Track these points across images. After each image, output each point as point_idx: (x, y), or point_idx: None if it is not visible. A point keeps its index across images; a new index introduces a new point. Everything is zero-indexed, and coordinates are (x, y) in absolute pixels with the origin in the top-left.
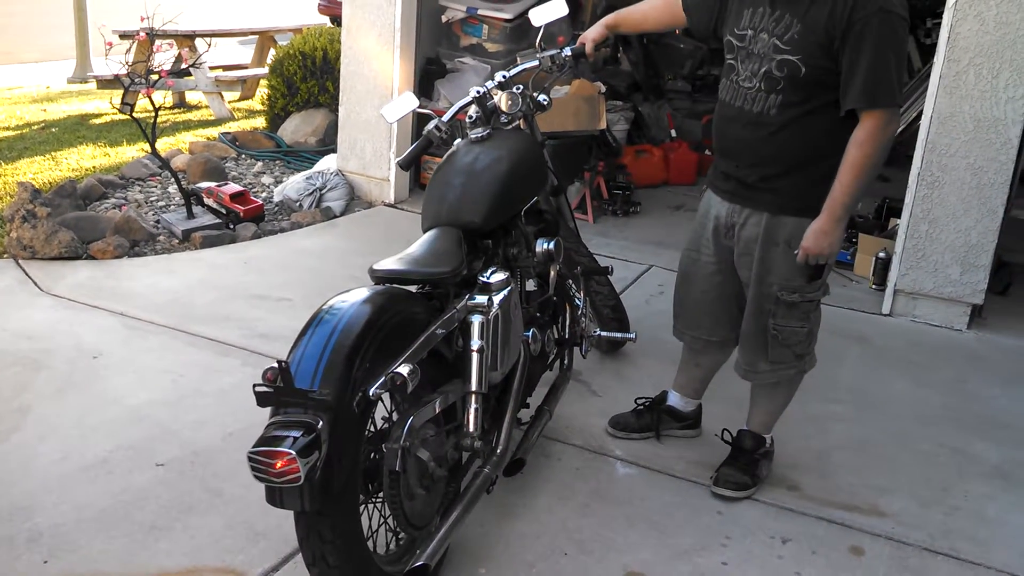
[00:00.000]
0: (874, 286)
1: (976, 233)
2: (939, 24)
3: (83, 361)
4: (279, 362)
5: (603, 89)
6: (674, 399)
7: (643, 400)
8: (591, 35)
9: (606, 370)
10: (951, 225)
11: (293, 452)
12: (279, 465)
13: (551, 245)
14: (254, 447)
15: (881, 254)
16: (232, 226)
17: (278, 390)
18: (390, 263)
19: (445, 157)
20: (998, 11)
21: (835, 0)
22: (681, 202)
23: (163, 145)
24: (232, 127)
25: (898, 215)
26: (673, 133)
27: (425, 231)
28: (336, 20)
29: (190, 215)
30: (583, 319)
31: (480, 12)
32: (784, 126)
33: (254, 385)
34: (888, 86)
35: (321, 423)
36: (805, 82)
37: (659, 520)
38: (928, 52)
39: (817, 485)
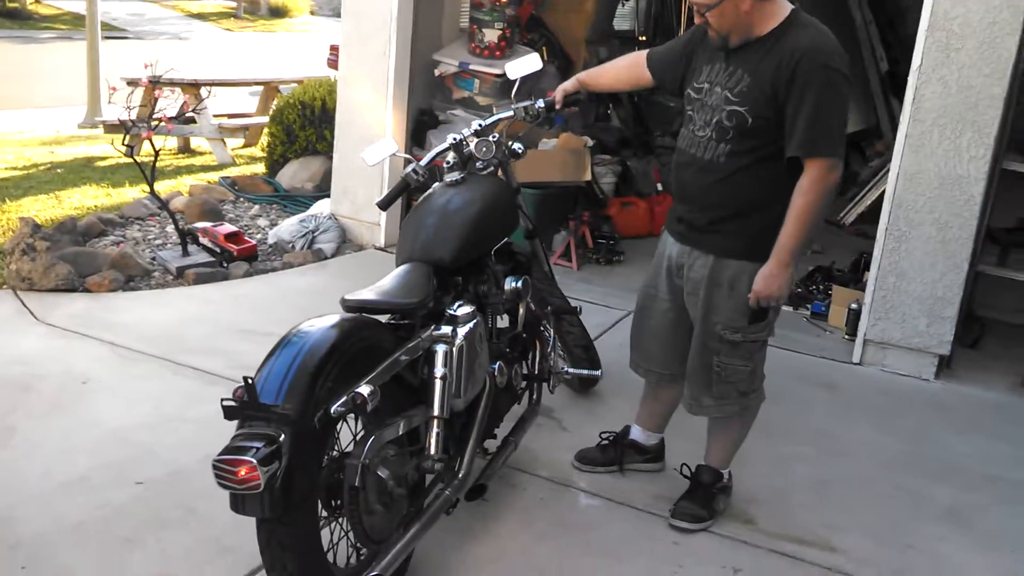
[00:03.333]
0: (847, 336)
1: (942, 286)
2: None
3: (72, 386)
4: (245, 379)
5: (590, 143)
6: (636, 433)
7: (607, 435)
8: (564, 87)
9: (578, 408)
10: (918, 278)
11: (254, 461)
12: (241, 473)
13: (519, 283)
14: (218, 455)
15: (853, 305)
16: (225, 264)
17: (243, 404)
18: (361, 293)
19: (421, 198)
20: (960, 75)
21: (781, 56)
22: None
23: (165, 187)
24: (233, 172)
25: None
26: (659, 187)
27: (398, 266)
28: None
29: (185, 253)
30: (552, 356)
31: (472, 67)
32: (732, 173)
33: (222, 400)
34: (828, 137)
35: (283, 436)
36: (751, 132)
37: (616, 548)
38: None
39: (772, 520)
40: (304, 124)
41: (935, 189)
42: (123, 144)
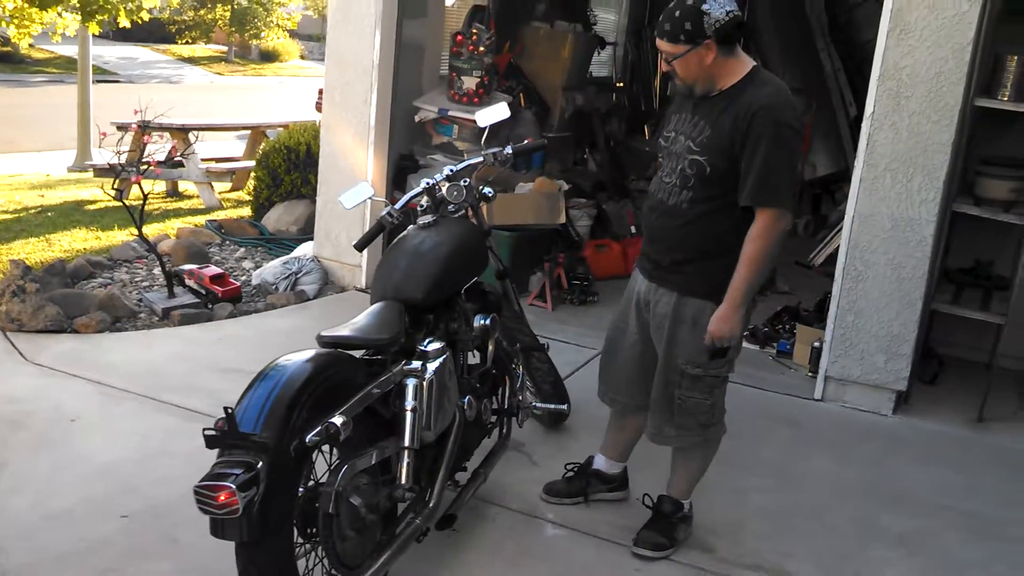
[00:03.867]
0: (810, 373)
1: (898, 324)
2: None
3: (60, 423)
4: (226, 409)
5: (565, 186)
6: (600, 462)
7: (572, 466)
8: None
9: (548, 443)
10: (875, 316)
11: (233, 487)
12: (221, 498)
13: (487, 321)
14: (199, 482)
15: (816, 343)
16: (210, 306)
17: (223, 434)
18: (337, 330)
19: (395, 240)
20: (910, 122)
21: (738, 111)
22: None
23: (153, 230)
24: (220, 215)
25: None
26: (633, 229)
27: (372, 304)
28: None
29: (171, 295)
30: (521, 391)
31: (451, 113)
32: (694, 219)
33: (204, 430)
34: (777, 189)
35: (260, 463)
36: (710, 180)
37: (579, 575)
38: None
39: (730, 549)
40: (289, 168)
41: (888, 231)
42: (112, 188)
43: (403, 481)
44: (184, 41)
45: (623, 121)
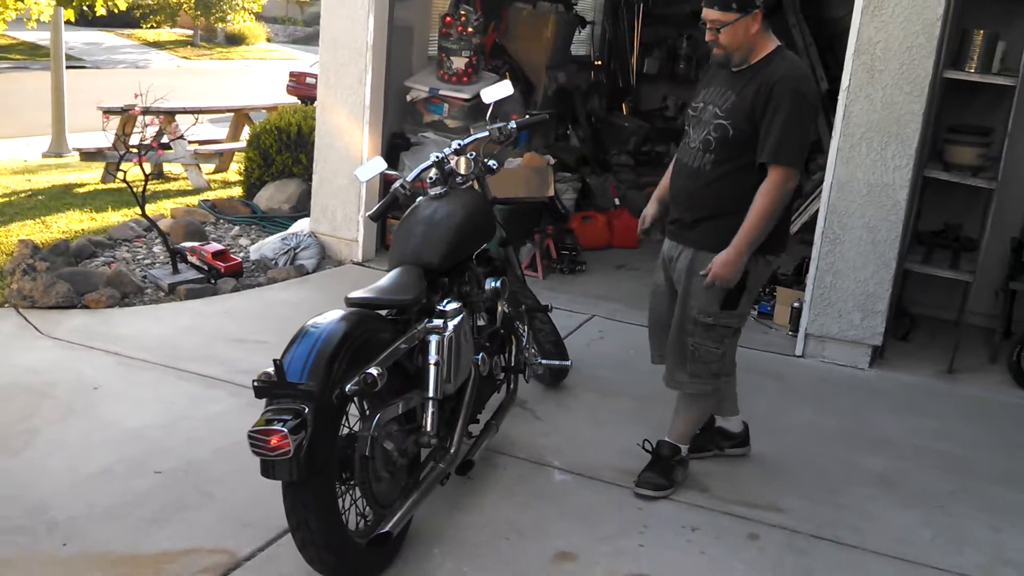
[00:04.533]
0: (790, 332)
1: (873, 283)
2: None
3: (84, 392)
4: (275, 361)
5: (552, 161)
6: (720, 421)
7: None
8: (650, 213)
9: (549, 400)
10: (851, 276)
11: (285, 430)
12: (274, 441)
13: (498, 284)
14: (253, 428)
15: (795, 304)
16: (213, 281)
17: (272, 383)
18: (363, 292)
19: (409, 209)
20: (884, 93)
21: (761, 80)
22: (623, 262)
23: (147, 211)
24: (209, 196)
25: None
26: (617, 202)
27: (391, 269)
28: (304, 100)
29: (175, 271)
30: (526, 350)
31: (441, 92)
32: (715, 179)
33: (253, 380)
34: (790, 149)
35: (307, 409)
36: (732, 143)
37: (587, 513)
38: None
39: (724, 488)
40: (280, 148)
41: (864, 196)
42: (118, 170)
43: (428, 429)
44: (149, 25)
45: (603, 98)
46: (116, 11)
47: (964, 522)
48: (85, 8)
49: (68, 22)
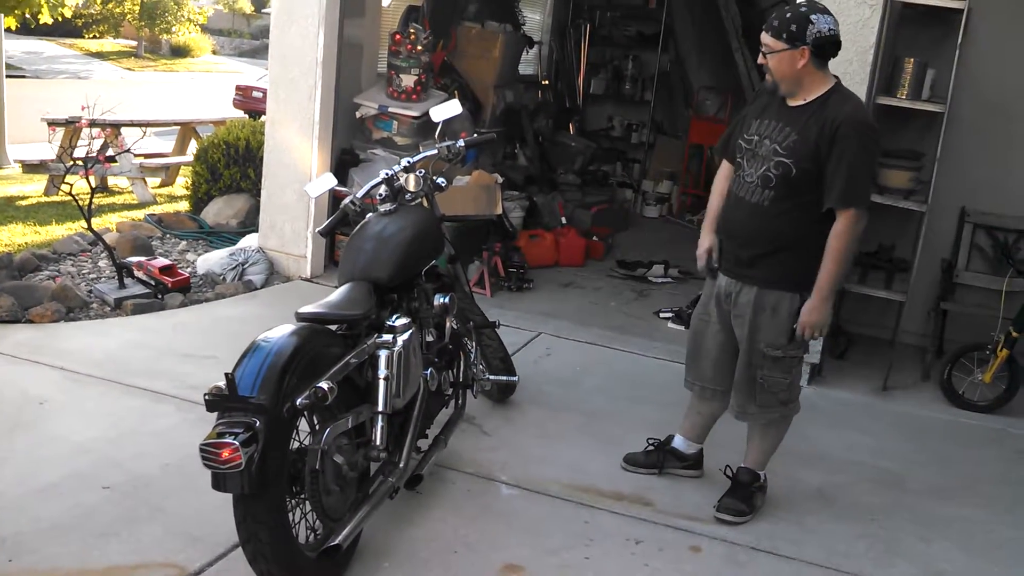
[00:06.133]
0: None
1: None
2: None
3: (30, 406)
4: (226, 374)
5: (500, 179)
6: (678, 441)
7: (653, 441)
8: (706, 247)
9: (496, 415)
10: None
11: (237, 443)
12: (225, 454)
13: (446, 300)
14: (204, 440)
15: None
16: (161, 296)
17: (224, 397)
18: (313, 307)
19: (359, 226)
20: None
21: (825, 117)
22: (570, 280)
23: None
24: (155, 210)
25: None
26: (563, 220)
27: (340, 285)
28: (251, 114)
29: (122, 285)
30: (475, 366)
31: (390, 110)
32: (776, 216)
33: (204, 394)
34: (860, 191)
35: (258, 423)
36: (794, 182)
37: (534, 527)
38: None
39: (668, 503)
40: (228, 163)
41: None
42: (63, 183)
43: (377, 443)
44: (92, 35)
45: (550, 118)
46: (60, 19)
47: (897, 535)
48: (28, 16)
49: (8, 30)
